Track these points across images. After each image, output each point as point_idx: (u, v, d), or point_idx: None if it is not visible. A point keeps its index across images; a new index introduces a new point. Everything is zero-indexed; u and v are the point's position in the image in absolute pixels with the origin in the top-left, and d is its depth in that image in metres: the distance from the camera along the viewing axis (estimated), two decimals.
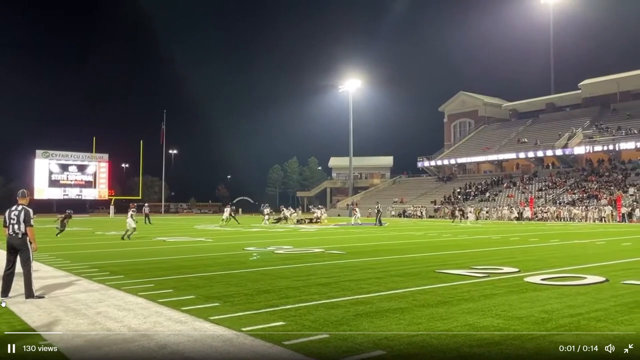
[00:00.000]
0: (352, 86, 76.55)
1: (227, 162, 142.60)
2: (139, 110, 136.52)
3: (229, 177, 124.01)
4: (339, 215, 57.87)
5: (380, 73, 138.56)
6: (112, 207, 63.95)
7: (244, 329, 5.35)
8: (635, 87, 63.20)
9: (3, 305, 6.45)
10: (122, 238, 19.70)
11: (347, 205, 65.74)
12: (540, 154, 60.50)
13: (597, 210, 42.90)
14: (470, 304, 6.71)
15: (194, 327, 5.53)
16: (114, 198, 66.19)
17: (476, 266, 10.70)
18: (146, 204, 42.09)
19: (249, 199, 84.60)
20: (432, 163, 72.69)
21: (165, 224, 38.13)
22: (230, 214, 36.46)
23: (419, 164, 74.50)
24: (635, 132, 54.25)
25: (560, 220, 43.49)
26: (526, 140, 64.44)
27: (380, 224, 34.38)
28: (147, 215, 38.95)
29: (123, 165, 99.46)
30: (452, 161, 70.13)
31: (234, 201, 68.78)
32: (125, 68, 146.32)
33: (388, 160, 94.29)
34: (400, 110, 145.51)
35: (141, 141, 66.47)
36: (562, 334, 5.13)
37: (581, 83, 67.97)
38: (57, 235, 21.97)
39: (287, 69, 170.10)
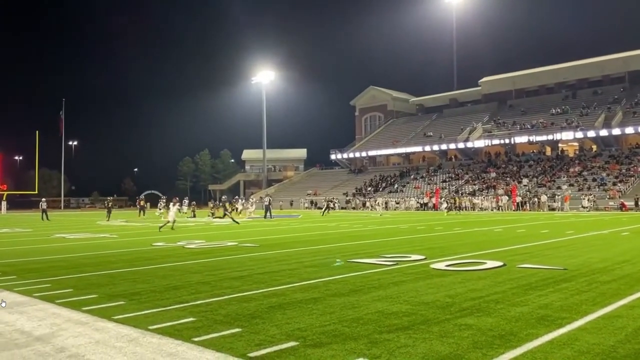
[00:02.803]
0: (265, 78, 76.18)
1: (134, 154, 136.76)
2: (34, 98, 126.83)
3: (135, 170, 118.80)
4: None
5: (294, 66, 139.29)
6: (4, 203, 58.94)
7: (151, 327, 5.11)
8: (529, 85, 68.40)
9: (4, 305, 5.93)
10: (172, 228, 21.03)
11: (261, 198, 65.33)
12: (444, 147, 63.77)
13: (494, 199, 45.98)
14: (380, 291, 6.89)
15: (96, 328, 5.19)
16: (6, 193, 61.01)
17: (386, 255, 11.04)
18: (43, 199, 39.21)
19: (158, 193, 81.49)
20: (344, 156, 74.19)
21: (65, 220, 35.78)
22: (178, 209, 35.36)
23: (332, 157, 75.77)
24: (529, 127, 58.72)
25: (463, 209, 46.08)
26: (431, 134, 67.57)
27: (266, 217, 32.65)
28: (44, 211, 36.41)
29: (16, 157, 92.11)
30: (363, 154, 71.99)
31: (142, 195, 65.83)
32: (19, 52, 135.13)
33: (302, 153, 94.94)
34: (313, 104, 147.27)
35: (37, 131, 61.89)
36: (465, 316, 5.40)
37: (481, 80, 72.43)
38: (236, 222, 24.40)
39: (198, 59, 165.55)
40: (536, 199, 44.34)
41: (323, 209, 40.61)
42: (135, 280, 8.14)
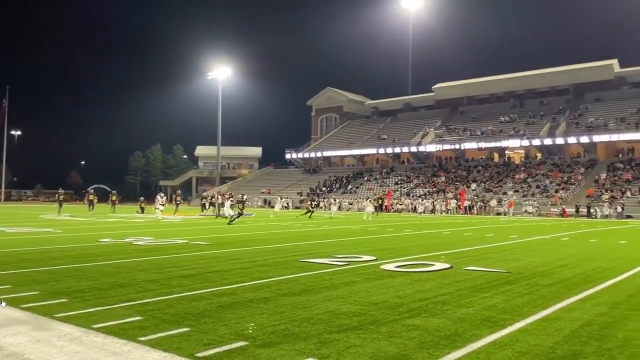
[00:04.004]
0: (221, 74, 75.23)
1: (81, 146, 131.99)
2: None
3: (82, 162, 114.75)
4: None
5: (251, 63, 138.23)
6: None
7: (95, 326, 4.95)
8: (480, 92, 70.48)
9: (3, 305, 5.62)
10: (230, 222, 22.83)
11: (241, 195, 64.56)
12: (397, 150, 64.85)
13: (444, 202, 47.14)
14: (331, 291, 6.94)
15: (37, 326, 4.98)
16: None
17: (338, 255, 11.13)
18: None
19: (106, 187, 78.99)
20: (300, 155, 74.24)
21: (5, 213, 34.14)
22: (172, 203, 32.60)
23: (287, 156, 75.66)
24: (478, 133, 60.53)
25: (413, 211, 47.01)
26: (385, 137, 68.59)
27: (218, 215, 30.77)
28: None
29: None
30: (319, 154, 72.26)
31: (91, 189, 63.56)
32: None
33: (257, 151, 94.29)
34: (270, 102, 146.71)
35: None
36: (412, 317, 5.52)
37: (434, 86, 74.09)
38: (230, 222, 23.08)
39: (153, 51, 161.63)
40: (482, 203, 45.77)
41: (309, 211, 34.25)
42: (79, 277, 7.87)
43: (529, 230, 21.69)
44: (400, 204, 49.76)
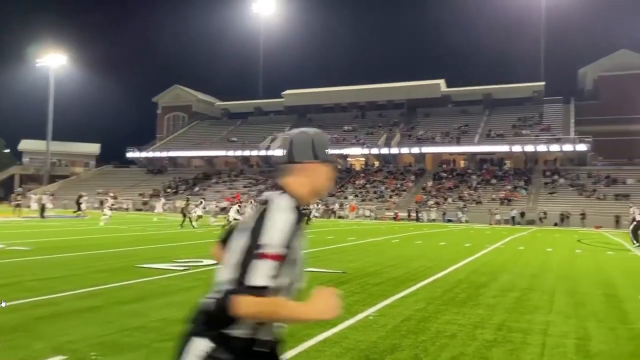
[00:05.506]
0: (54, 62, 68.49)
1: None
2: None
3: None
4: (29, 207, 50.68)
5: (90, 54, 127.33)
6: None
7: None
8: (326, 101, 73.80)
9: (3, 305, 5.10)
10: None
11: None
12: (246, 153, 64.96)
13: None
14: (167, 298, 6.70)
15: None
16: None
17: (178, 260, 10.78)
18: None
19: None
20: (143, 154, 70.44)
21: None
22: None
23: (129, 155, 71.21)
24: None
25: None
26: (235, 139, 68.30)
27: (43, 216, 28.74)
28: None
29: None
30: (164, 154, 69.27)
31: None
32: None
33: (94, 148, 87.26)
34: (111, 96, 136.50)
35: None
36: None
37: (284, 92, 75.80)
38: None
39: None
40: (324, 207, 47.92)
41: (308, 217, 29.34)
42: None
43: (365, 233, 23.23)
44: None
